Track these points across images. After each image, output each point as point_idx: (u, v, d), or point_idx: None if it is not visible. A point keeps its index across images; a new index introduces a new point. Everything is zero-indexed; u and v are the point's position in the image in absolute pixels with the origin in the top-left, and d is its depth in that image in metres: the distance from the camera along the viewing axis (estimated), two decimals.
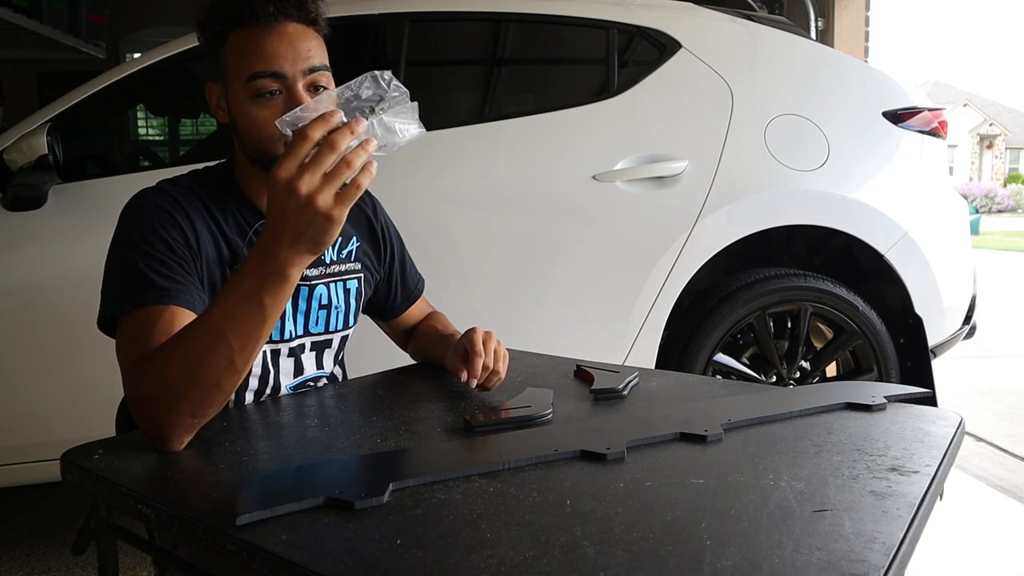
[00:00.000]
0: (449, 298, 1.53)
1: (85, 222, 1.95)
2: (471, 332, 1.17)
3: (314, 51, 1.06)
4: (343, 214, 0.82)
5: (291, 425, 1.02)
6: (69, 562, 2.13)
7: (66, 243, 1.95)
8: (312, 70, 1.05)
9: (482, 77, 2.55)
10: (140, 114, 4.52)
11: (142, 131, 4.87)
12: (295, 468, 0.85)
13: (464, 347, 1.16)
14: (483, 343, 1.14)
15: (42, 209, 1.94)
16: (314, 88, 1.06)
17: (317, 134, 0.80)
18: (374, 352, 1.44)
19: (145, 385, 0.90)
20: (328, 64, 1.08)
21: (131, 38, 5.10)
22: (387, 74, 0.86)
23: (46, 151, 1.89)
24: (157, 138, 5.00)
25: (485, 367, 1.13)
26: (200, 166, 1.17)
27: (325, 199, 0.80)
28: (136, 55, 4.85)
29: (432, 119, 2.36)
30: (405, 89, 0.85)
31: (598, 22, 2.31)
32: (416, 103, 0.86)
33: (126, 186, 2.00)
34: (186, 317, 0.98)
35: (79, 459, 0.88)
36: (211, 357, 0.86)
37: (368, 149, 0.81)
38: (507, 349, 1.20)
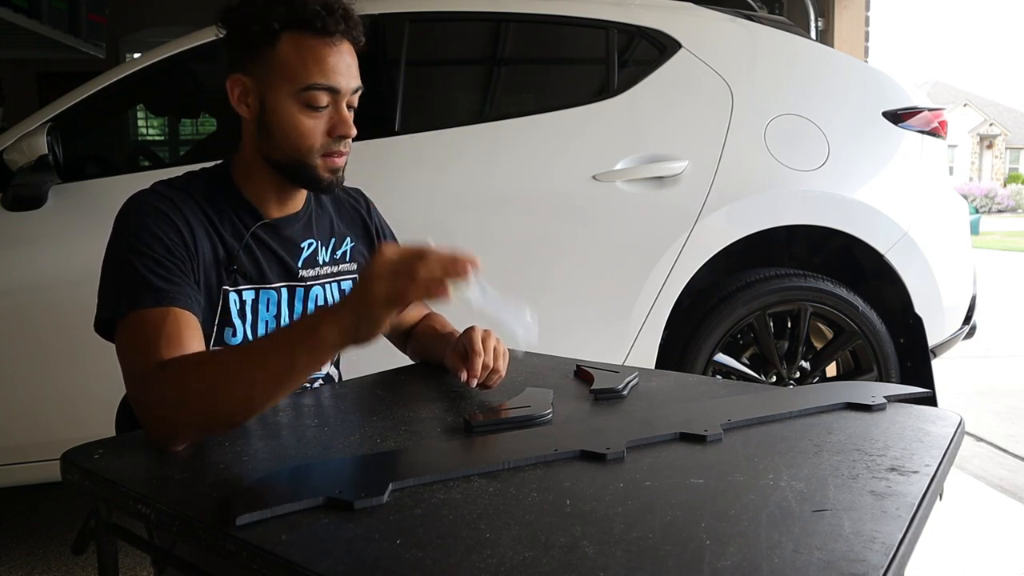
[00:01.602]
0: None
1: (85, 222, 1.95)
2: (470, 331, 1.17)
3: (357, 72, 1.09)
4: (385, 312, 0.82)
5: (290, 425, 1.02)
6: (69, 562, 2.13)
7: (66, 243, 1.94)
8: (356, 90, 1.09)
9: (482, 77, 2.55)
10: (140, 114, 4.52)
11: (142, 131, 4.87)
12: (295, 468, 0.85)
13: (463, 346, 1.16)
14: (482, 341, 1.14)
15: (42, 209, 1.94)
16: (347, 108, 1.09)
17: (436, 267, 0.81)
18: (373, 352, 1.43)
19: (156, 392, 0.90)
20: None
21: (131, 38, 5.11)
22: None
23: (46, 151, 1.89)
24: (157, 138, 5.00)
25: (485, 366, 1.13)
26: (197, 167, 1.17)
27: (379, 289, 0.81)
28: (136, 55, 4.85)
29: (432, 119, 2.37)
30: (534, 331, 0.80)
31: (598, 22, 2.31)
32: (534, 328, 0.80)
33: (126, 186, 2.00)
34: (186, 318, 0.99)
35: (79, 459, 0.88)
36: (232, 385, 0.87)
37: (447, 280, 0.80)
38: (507, 348, 1.20)
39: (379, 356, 1.41)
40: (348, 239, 1.26)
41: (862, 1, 4.22)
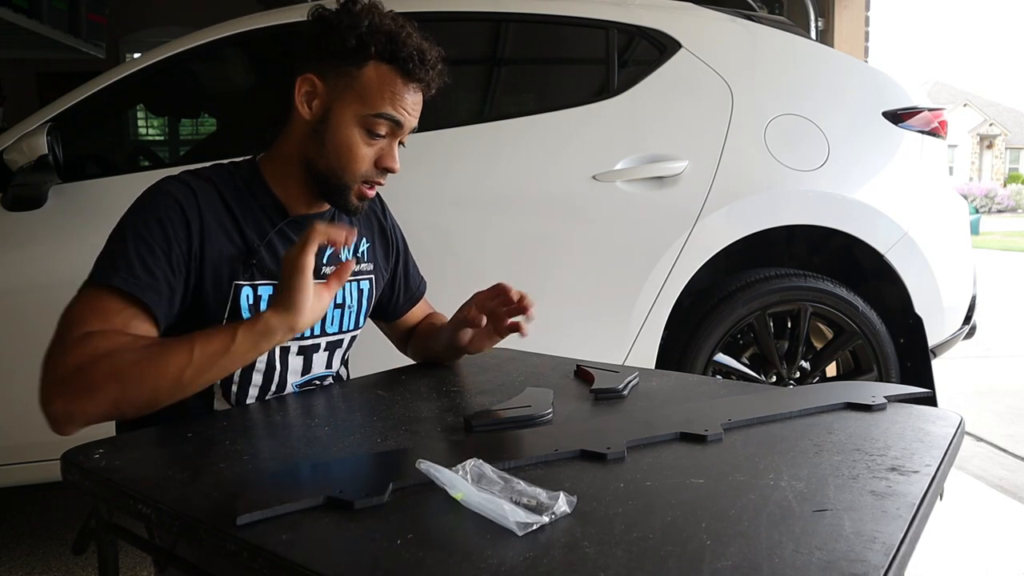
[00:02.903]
0: (449, 298, 1.53)
1: (85, 222, 1.95)
2: (474, 296, 1.23)
3: (418, 115, 1.12)
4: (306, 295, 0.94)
5: (291, 424, 1.02)
6: (69, 562, 2.13)
7: (66, 243, 1.94)
8: (410, 131, 1.12)
9: (482, 77, 2.55)
10: (140, 114, 4.52)
11: (142, 131, 4.87)
12: (296, 467, 0.85)
13: (473, 304, 1.21)
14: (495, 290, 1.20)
15: (42, 209, 1.94)
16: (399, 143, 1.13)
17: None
18: (374, 352, 1.44)
19: (75, 358, 0.93)
20: None
21: (131, 38, 5.11)
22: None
23: (46, 151, 1.89)
24: (157, 138, 5.00)
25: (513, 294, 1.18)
26: (199, 167, 1.17)
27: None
28: (136, 55, 4.85)
29: (432, 119, 2.36)
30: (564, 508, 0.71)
31: (598, 22, 2.31)
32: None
33: (126, 186, 1.99)
34: (142, 317, 1.00)
35: (79, 459, 0.88)
36: (169, 357, 0.92)
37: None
38: (507, 349, 1.20)
39: (380, 356, 1.42)
40: (365, 239, 1.27)
41: (862, 1, 4.22)
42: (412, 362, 1.40)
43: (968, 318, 2.59)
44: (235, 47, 2.25)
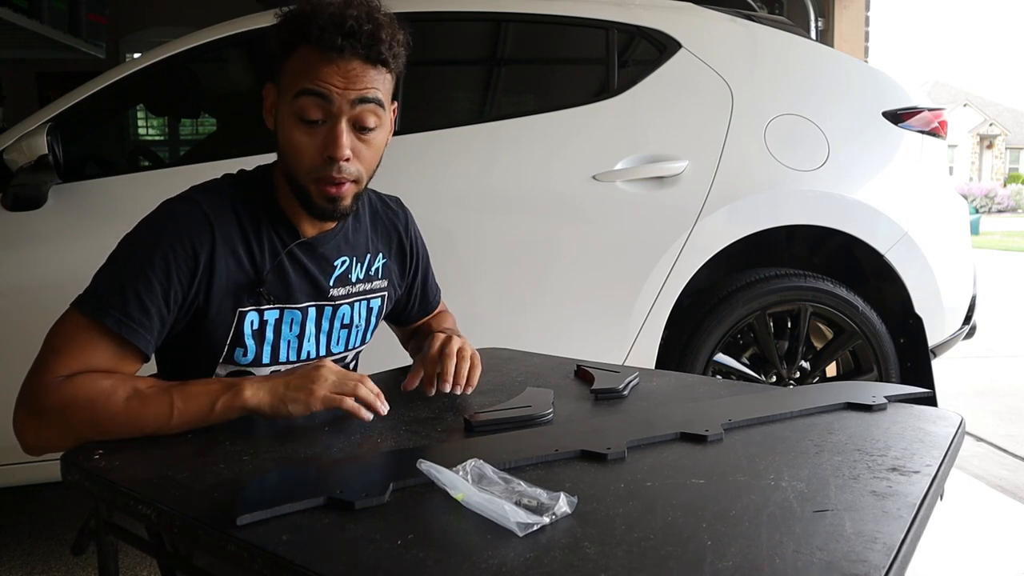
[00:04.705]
0: (449, 299, 1.53)
1: (85, 222, 1.94)
2: (432, 338, 1.18)
3: (370, 84, 1.02)
4: (309, 409, 0.98)
5: (291, 425, 1.02)
6: (69, 562, 2.13)
7: (66, 243, 1.94)
8: (362, 100, 1.02)
9: (482, 77, 2.55)
10: (140, 114, 4.52)
11: (142, 131, 4.87)
12: (296, 468, 0.85)
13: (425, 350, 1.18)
14: (441, 352, 1.15)
15: (42, 209, 1.94)
16: (360, 128, 1.04)
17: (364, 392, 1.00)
18: (374, 352, 1.44)
19: (57, 400, 0.95)
20: (384, 102, 1.05)
21: (131, 38, 5.11)
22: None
23: (46, 151, 1.89)
24: (157, 138, 5.00)
25: (428, 376, 1.15)
26: (200, 167, 1.16)
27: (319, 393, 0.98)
28: (136, 55, 4.85)
29: (432, 119, 2.36)
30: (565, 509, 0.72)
31: (598, 22, 2.31)
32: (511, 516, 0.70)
33: (126, 186, 2.00)
34: (130, 359, 1.01)
35: (79, 459, 0.88)
36: (147, 414, 0.94)
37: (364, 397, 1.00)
38: (507, 349, 1.20)
39: (380, 356, 1.42)
40: (381, 255, 1.24)
41: (862, 1, 4.22)
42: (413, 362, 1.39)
43: (968, 318, 2.59)
44: (235, 47, 2.24)
